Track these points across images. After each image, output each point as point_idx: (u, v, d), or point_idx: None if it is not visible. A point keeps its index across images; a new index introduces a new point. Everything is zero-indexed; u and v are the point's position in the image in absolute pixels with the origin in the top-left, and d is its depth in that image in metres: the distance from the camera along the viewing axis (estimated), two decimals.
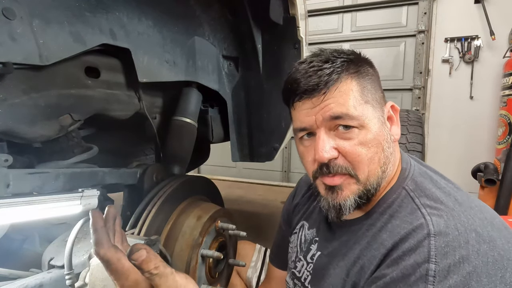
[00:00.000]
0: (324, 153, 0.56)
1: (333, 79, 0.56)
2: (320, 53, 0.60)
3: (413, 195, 0.57)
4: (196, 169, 4.44)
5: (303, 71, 0.58)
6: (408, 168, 0.62)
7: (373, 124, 0.57)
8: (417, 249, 0.49)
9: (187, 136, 1.05)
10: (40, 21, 0.59)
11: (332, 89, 0.56)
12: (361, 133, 0.56)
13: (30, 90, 0.62)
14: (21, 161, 0.77)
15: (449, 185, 0.59)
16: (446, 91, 3.37)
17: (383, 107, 0.61)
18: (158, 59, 0.88)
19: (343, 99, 0.55)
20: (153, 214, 0.79)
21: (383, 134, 0.58)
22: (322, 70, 0.56)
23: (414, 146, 1.63)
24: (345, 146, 0.56)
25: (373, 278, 0.53)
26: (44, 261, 0.81)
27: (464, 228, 0.49)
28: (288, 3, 1.07)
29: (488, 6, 3.09)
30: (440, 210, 0.52)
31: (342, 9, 3.72)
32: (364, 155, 0.56)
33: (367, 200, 0.59)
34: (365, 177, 0.57)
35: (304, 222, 0.80)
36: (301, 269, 0.74)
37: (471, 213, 0.52)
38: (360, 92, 0.57)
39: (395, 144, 0.63)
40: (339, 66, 0.56)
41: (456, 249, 0.47)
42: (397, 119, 0.63)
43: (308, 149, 0.61)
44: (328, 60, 0.57)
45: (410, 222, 0.53)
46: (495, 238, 0.49)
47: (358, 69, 0.58)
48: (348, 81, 0.56)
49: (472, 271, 0.45)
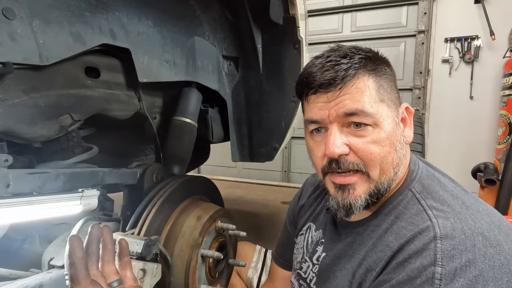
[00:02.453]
0: (335, 148, 0.54)
1: (350, 74, 0.54)
2: (338, 48, 0.59)
3: (419, 197, 0.56)
4: (196, 169, 4.44)
5: (319, 65, 0.56)
6: (416, 170, 0.61)
7: (387, 123, 0.56)
8: (423, 252, 0.48)
9: (187, 136, 1.05)
10: (40, 21, 0.59)
11: (349, 84, 0.54)
12: (375, 132, 0.55)
13: (30, 90, 0.62)
14: (21, 161, 0.77)
15: (457, 188, 0.58)
16: (446, 91, 3.36)
17: (398, 107, 0.60)
18: (158, 59, 0.88)
19: (359, 96, 0.54)
20: (153, 214, 0.79)
21: (396, 134, 0.57)
22: (340, 65, 0.55)
23: (414, 146, 1.63)
24: (357, 143, 0.55)
25: (379, 281, 0.53)
26: (44, 261, 0.81)
27: (471, 231, 0.48)
28: (288, 3, 1.07)
29: (488, 6, 3.09)
30: (446, 212, 0.52)
31: (342, 9, 3.72)
32: (377, 154, 0.55)
33: (377, 199, 0.58)
34: (377, 175, 0.56)
35: (311, 223, 0.79)
36: (306, 270, 0.74)
37: (478, 216, 0.51)
38: (376, 90, 0.56)
39: (407, 147, 0.62)
40: (357, 62, 0.55)
41: (462, 253, 0.46)
42: (410, 122, 0.62)
43: (318, 144, 0.60)
44: (346, 55, 0.56)
45: (416, 224, 0.52)
46: (502, 242, 0.48)
47: (375, 67, 0.57)
48: (365, 78, 0.55)
49: (478, 275, 0.45)
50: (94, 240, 0.54)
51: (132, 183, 0.88)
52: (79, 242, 0.51)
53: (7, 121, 0.59)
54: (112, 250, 0.56)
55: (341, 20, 3.76)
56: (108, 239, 0.56)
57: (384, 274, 0.52)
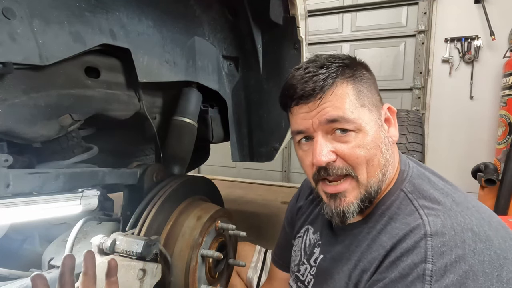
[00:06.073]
0: (322, 156, 0.56)
1: (328, 83, 0.56)
2: (316, 59, 0.61)
3: (411, 197, 0.57)
4: (196, 169, 4.44)
5: (299, 77, 0.59)
6: (407, 170, 0.62)
7: (370, 127, 0.57)
8: (414, 249, 0.49)
9: (187, 136, 1.05)
10: (40, 21, 0.59)
11: (328, 93, 0.56)
12: (358, 136, 0.56)
13: (30, 90, 0.62)
14: (21, 161, 0.77)
15: (447, 186, 0.59)
16: (446, 91, 3.36)
17: (380, 109, 0.61)
18: (158, 59, 0.88)
19: (339, 103, 0.56)
20: (153, 214, 0.79)
21: (381, 137, 0.59)
22: (317, 76, 0.57)
23: (414, 146, 1.63)
24: (343, 149, 0.57)
25: (373, 281, 0.53)
26: (44, 261, 0.81)
27: (460, 227, 0.49)
28: (288, 3, 1.07)
29: (488, 6, 3.09)
30: (437, 210, 0.53)
31: (342, 9, 3.72)
32: (363, 157, 0.56)
33: (369, 203, 0.60)
34: (365, 178, 0.57)
35: (309, 226, 0.80)
36: (304, 273, 0.74)
37: (468, 213, 0.52)
38: (356, 96, 0.57)
39: (394, 146, 0.63)
40: (334, 71, 0.57)
41: (452, 249, 0.47)
42: (394, 121, 0.63)
43: (306, 153, 0.61)
44: (323, 65, 0.58)
45: (408, 224, 0.53)
46: (492, 237, 0.49)
47: (353, 73, 0.58)
48: (344, 85, 0.57)
49: (468, 270, 0.45)
50: (66, 272, 0.49)
51: (132, 183, 0.88)
52: (42, 281, 0.46)
53: (7, 121, 0.59)
54: (92, 276, 0.52)
55: (341, 20, 3.76)
56: (89, 265, 0.52)
57: (378, 274, 0.53)
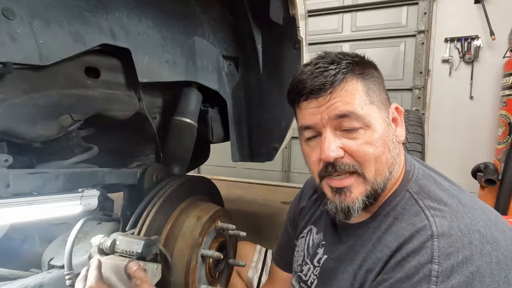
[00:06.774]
0: (330, 152, 0.55)
1: (339, 79, 0.56)
2: (325, 55, 0.60)
3: (417, 197, 0.57)
4: (196, 169, 4.44)
5: (309, 72, 0.58)
6: (412, 171, 0.62)
7: (379, 124, 0.57)
8: (420, 250, 0.49)
9: (187, 136, 1.05)
10: (40, 21, 0.59)
11: (339, 88, 0.56)
12: (367, 133, 0.56)
13: (30, 90, 0.62)
14: (21, 161, 0.77)
15: (452, 187, 0.59)
16: (446, 91, 3.36)
17: (388, 108, 0.61)
18: (158, 59, 0.88)
19: (350, 98, 0.56)
20: (153, 214, 0.79)
21: (389, 135, 0.59)
22: (328, 71, 0.56)
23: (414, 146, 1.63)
24: (351, 145, 0.56)
25: (379, 281, 0.53)
26: (44, 261, 0.81)
27: (467, 229, 0.49)
28: (288, 3, 1.07)
29: (488, 6, 3.09)
30: (443, 211, 0.52)
31: (342, 9, 3.71)
32: (371, 154, 0.56)
33: (374, 200, 0.59)
34: (373, 176, 0.57)
35: (312, 226, 0.79)
36: (307, 273, 0.74)
37: (475, 214, 0.52)
38: (366, 93, 0.57)
39: (400, 146, 0.63)
40: (344, 67, 0.57)
41: (459, 250, 0.47)
42: (401, 121, 0.64)
43: (313, 149, 0.61)
44: (333, 61, 0.58)
45: (414, 224, 0.53)
46: (499, 239, 0.49)
47: (363, 71, 0.58)
48: (354, 82, 0.57)
49: (475, 271, 0.45)
50: None
51: (132, 183, 0.88)
52: None
53: (7, 121, 0.59)
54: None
55: (341, 20, 3.76)
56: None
57: (383, 274, 0.53)
